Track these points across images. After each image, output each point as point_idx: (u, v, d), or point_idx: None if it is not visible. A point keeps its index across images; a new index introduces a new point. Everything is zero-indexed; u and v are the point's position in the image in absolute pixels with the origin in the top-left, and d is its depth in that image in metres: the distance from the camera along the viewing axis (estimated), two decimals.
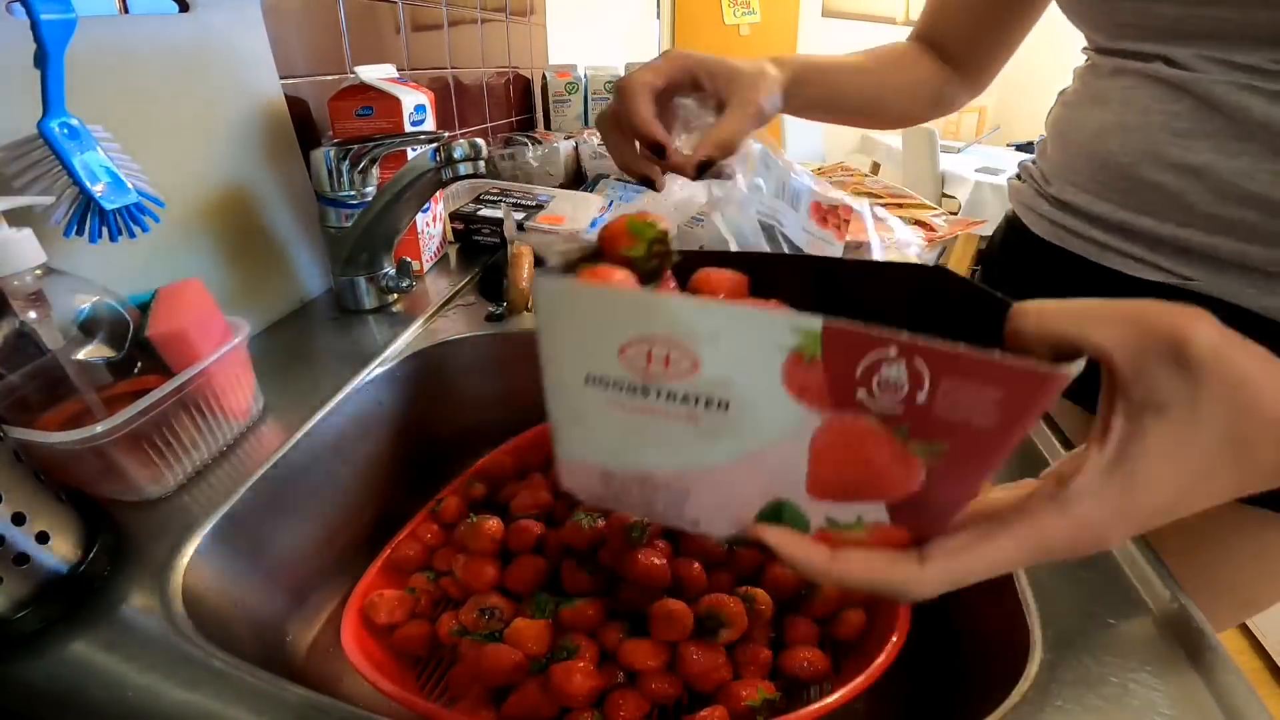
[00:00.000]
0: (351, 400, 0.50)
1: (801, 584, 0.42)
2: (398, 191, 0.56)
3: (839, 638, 0.41)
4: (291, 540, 0.44)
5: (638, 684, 0.37)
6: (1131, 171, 0.44)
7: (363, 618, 0.41)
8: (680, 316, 0.20)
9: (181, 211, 0.50)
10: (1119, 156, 0.44)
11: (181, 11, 0.51)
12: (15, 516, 0.29)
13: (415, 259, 0.70)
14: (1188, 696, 0.28)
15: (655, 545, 0.42)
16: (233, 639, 0.35)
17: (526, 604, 0.41)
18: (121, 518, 0.37)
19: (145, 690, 0.28)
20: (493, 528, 0.44)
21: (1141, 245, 0.45)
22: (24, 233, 0.34)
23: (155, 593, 0.32)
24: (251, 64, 0.58)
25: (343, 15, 0.72)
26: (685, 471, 0.24)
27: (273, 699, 0.28)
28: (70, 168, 0.38)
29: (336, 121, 0.64)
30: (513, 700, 0.36)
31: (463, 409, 0.61)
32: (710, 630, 0.36)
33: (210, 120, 0.54)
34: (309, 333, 0.59)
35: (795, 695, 0.39)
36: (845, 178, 0.81)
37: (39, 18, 0.36)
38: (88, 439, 0.33)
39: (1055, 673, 0.29)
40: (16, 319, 0.34)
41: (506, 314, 0.61)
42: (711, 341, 0.20)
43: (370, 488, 0.52)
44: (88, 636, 0.30)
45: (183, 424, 0.39)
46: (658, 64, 0.40)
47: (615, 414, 0.23)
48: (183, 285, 0.42)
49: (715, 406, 0.21)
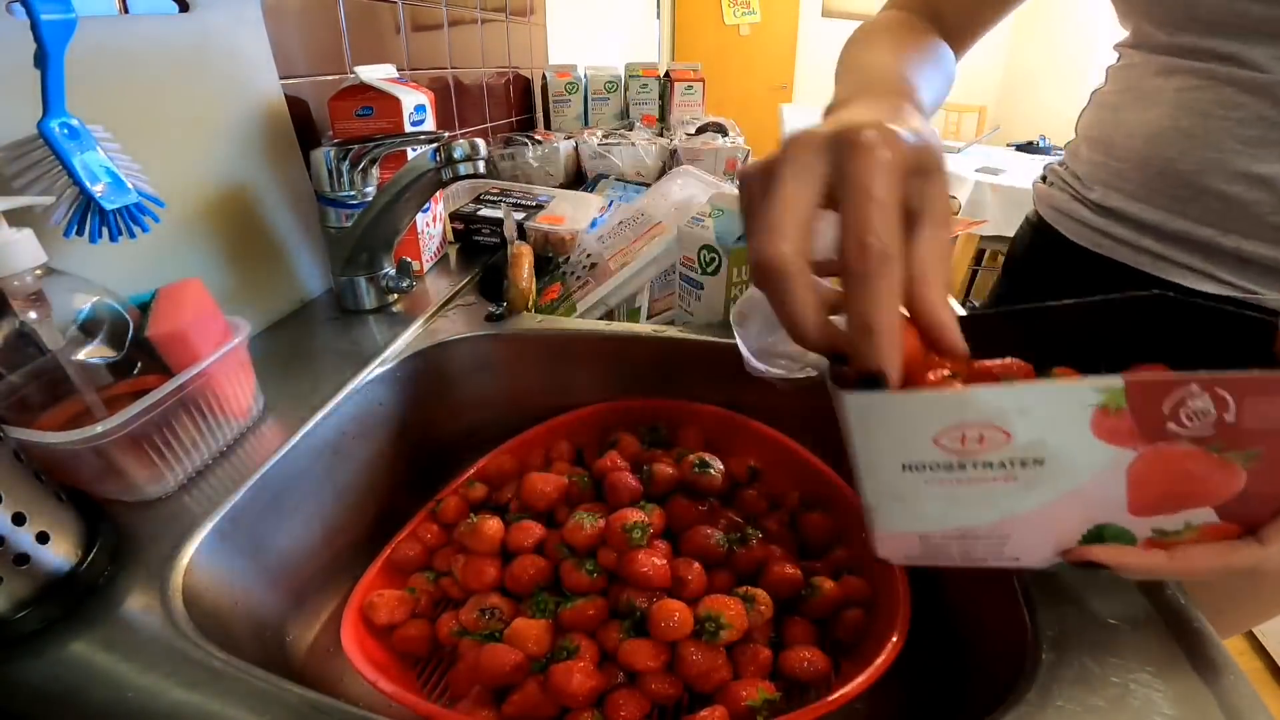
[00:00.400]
0: (351, 400, 0.50)
1: (801, 584, 0.42)
2: (398, 191, 0.56)
3: (839, 638, 0.41)
4: (291, 540, 0.44)
5: (638, 684, 0.37)
6: (1194, 180, 0.42)
7: (363, 618, 0.41)
8: (991, 403, 0.23)
9: (181, 211, 0.50)
10: (1179, 164, 0.42)
11: (181, 11, 0.51)
12: (15, 516, 0.29)
13: (415, 259, 0.70)
14: (1188, 697, 0.28)
15: (655, 545, 0.42)
16: (233, 639, 0.35)
17: (526, 604, 0.41)
18: (121, 518, 0.37)
19: (145, 690, 0.28)
20: (493, 528, 0.44)
21: (1199, 255, 0.43)
22: (24, 233, 0.34)
23: (155, 593, 0.32)
24: (251, 64, 0.58)
25: (343, 15, 0.72)
26: (1004, 520, 0.26)
27: (273, 699, 0.28)
28: (70, 168, 0.38)
29: (336, 121, 0.64)
30: (513, 700, 0.36)
31: (463, 409, 0.61)
32: (710, 631, 0.36)
33: (210, 120, 0.54)
34: (309, 333, 0.59)
35: (795, 695, 0.39)
36: None
37: (39, 18, 0.36)
38: (88, 439, 0.33)
39: (1055, 673, 0.29)
40: (16, 319, 0.34)
41: (506, 314, 0.61)
42: (1021, 416, 0.23)
43: (370, 488, 0.52)
44: (88, 636, 0.30)
45: (183, 424, 0.39)
46: (778, 217, 0.23)
47: (934, 489, 0.25)
48: (183, 285, 0.42)
49: (1030, 464, 0.24)
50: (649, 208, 0.70)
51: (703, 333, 0.57)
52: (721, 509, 0.47)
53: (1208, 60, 0.40)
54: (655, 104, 1.35)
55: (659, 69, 1.36)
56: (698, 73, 1.34)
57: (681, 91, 1.33)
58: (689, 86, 1.33)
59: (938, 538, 0.27)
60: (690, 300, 0.61)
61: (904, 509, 0.26)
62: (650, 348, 0.58)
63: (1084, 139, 0.52)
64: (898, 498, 0.26)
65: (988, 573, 0.35)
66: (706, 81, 1.34)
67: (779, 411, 0.55)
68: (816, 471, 0.49)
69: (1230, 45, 0.39)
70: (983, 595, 0.38)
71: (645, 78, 1.33)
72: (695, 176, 0.74)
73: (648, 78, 1.33)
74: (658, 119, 1.35)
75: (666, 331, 0.58)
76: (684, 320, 0.63)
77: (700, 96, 1.34)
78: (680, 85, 1.32)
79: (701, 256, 0.58)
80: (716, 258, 0.57)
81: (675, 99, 1.33)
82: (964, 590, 0.40)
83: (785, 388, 0.36)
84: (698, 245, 0.58)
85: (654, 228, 0.67)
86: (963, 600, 0.40)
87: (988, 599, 0.36)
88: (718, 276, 0.57)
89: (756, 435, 0.54)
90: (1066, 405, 0.22)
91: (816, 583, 0.42)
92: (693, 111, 1.33)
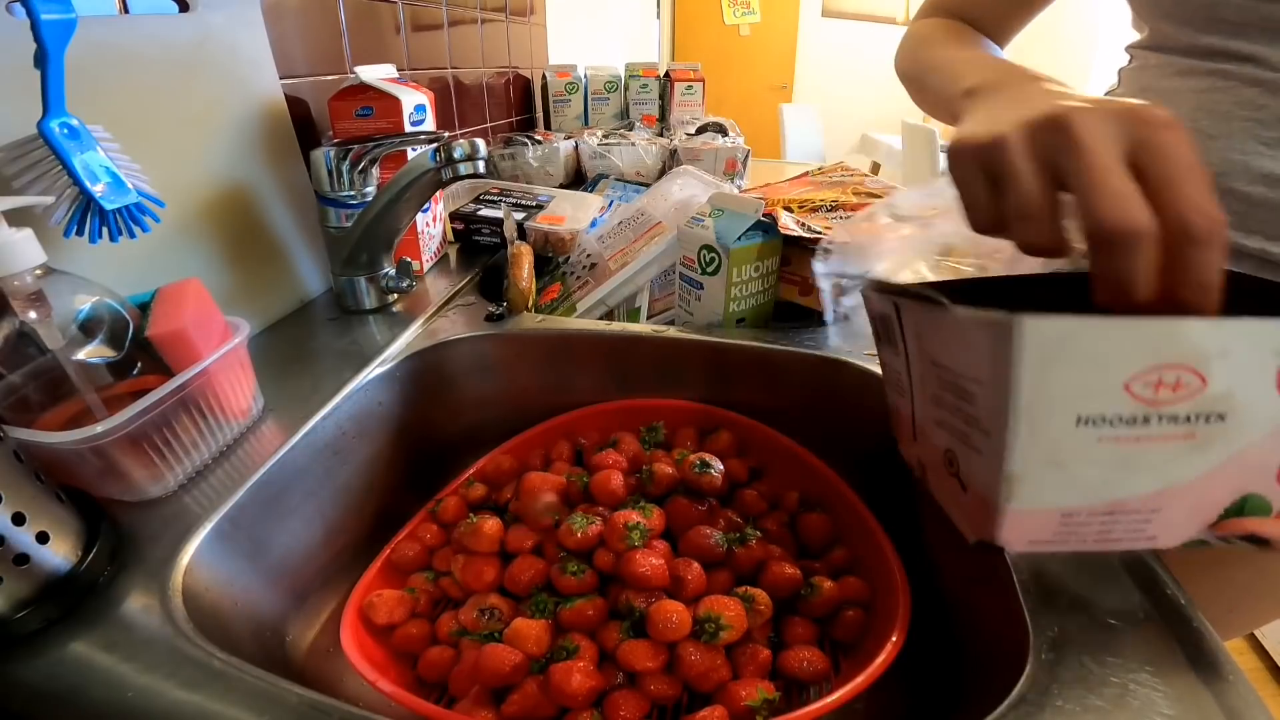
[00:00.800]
0: (351, 400, 0.50)
1: (801, 584, 0.42)
2: (398, 191, 0.56)
3: (839, 638, 0.41)
4: (291, 540, 0.44)
5: (637, 684, 0.37)
6: (1216, 182, 0.41)
7: (362, 618, 0.41)
8: (1200, 340, 0.21)
9: (181, 211, 0.50)
10: None
11: (181, 11, 0.51)
12: (15, 516, 0.29)
13: (415, 259, 0.70)
14: (1188, 697, 0.28)
15: (654, 546, 0.42)
16: (233, 639, 0.35)
17: (526, 604, 0.41)
18: (121, 518, 0.37)
19: (145, 690, 0.28)
20: (492, 528, 0.44)
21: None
22: (24, 233, 0.34)
23: (155, 593, 0.32)
24: (251, 64, 0.58)
25: (343, 15, 0.72)
26: (1163, 490, 0.23)
27: (273, 699, 0.28)
28: (70, 168, 0.38)
29: (336, 121, 0.64)
30: (512, 700, 0.36)
31: (462, 409, 0.61)
32: (710, 631, 0.36)
33: (210, 120, 0.54)
34: (309, 333, 0.59)
35: (795, 695, 0.39)
36: (845, 178, 0.81)
37: (39, 18, 0.36)
38: (88, 439, 0.33)
39: (1055, 673, 0.29)
40: (16, 319, 0.34)
41: (506, 314, 0.61)
42: (1221, 359, 0.21)
43: (370, 488, 0.52)
44: (88, 636, 0.30)
45: (183, 424, 0.39)
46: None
47: (1104, 450, 0.22)
48: (183, 285, 0.42)
49: (1213, 420, 0.22)
50: (649, 208, 0.70)
51: (703, 333, 0.57)
52: (721, 509, 0.47)
53: (1228, 61, 0.40)
54: (655, 104, 1.35)
55: (659, 69, 1.35)
56: (698, 73, 1.34)
57: (681, 91, 1.33)
58: (689, 86, 1.33)
59: (1084, 514, 0.24)
60: (690, 300, 0.61)
61: (1059, 478, 0.23)
62: (650, 348, 0.58)
63: None
64: (1057, 463, 0.22)
65: (988, 572, 0.35)
66: (706, 81, 1.34)
67: (779, 411, 0.55)
68: (816, 471, 0.49)
69: (1252, 46, 0.39)
70: (982, 595, 0.38)
71: (645, 78, 1.33)
72: (695, 176, 0.74)
73: (648, 78, 1.33)
74: (658, 119, 1.35)
75: (666, 331, 0.58)
76: (684, 320, 0.63)
77: (700, 96, 1.34)
78: (680, 85, 1.32)
79: (701, 256, 0.58)
80: (716, 258, 0.57)
81: (675, 99, 1.33)
82: (964, 590, 0.40)
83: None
84: (698, 245, 0.58)
85: (654, 228, 0.67)
86: (962, 600, 0.40)
87: (987, 599, 0.36)
88: (718, 276, 0.57)
89: (756, 435, 0.54)
90: (1261, 351, 0.21)
91: (816, 583, 0.42)
92: (693, 111, 1.33)
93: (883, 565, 0.41)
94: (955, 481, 0.27)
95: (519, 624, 0.38)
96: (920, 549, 0.44)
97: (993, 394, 0.22)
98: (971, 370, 0.24)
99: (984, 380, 0.23)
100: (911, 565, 0.40)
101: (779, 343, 0.55)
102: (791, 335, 0.57)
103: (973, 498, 0.25)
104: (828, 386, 0.54)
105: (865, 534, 0.44)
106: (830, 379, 0.54)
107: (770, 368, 0.55)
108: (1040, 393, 0.22)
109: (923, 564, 0.42)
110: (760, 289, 0.60)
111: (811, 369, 0.54)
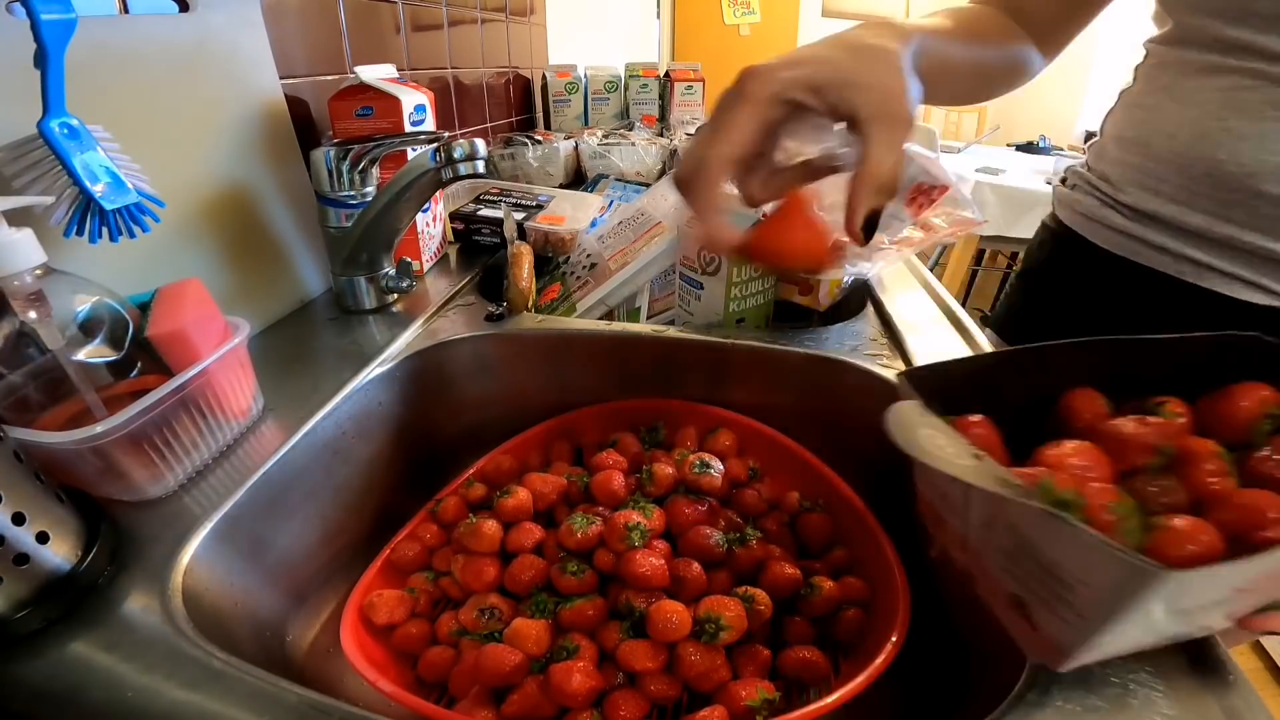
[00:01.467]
0: (351, 400, 0.50)
1: (801, 584, 0.42)
2: (398, 191, 0.56)
3: (839, 638, 0.41)
4: (291, 540, 0.44)
5: (637, 684, 0.37)
6: (1243, 182, 0.40)
7: (362, 618, 0.41)
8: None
9: (181, 211, 0.50)
10: (1227, 165, 0.41)
11: (181, 11, 0.51)
12: (15, 516, 0.29)
13: (415, 259, 0.70)
14: (1188, 697, 0.28)
15: (654, 546, 0.42)
16: (232, 639, 0.35)
17: (526, 604, 0.41)
18: (121, 518, 0.37)
19: (145, 690, 0.28)
20: (492, 528, 0.44)
21: (1244, 262, 0.41)
22: (24, 233, 0.34)
23: (155, 593, 0.32)
24: (251, 64, 0.58)
25: (343, 15, 0.72)
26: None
27: (272, 699, 0.28)
28: (70, 168, 0.38)
29: (336, 121, 0.64)
30: (512, 700, 0.36)
31: (462, 409, 0.61)
32: (709, 631, 0.36)
33: (210, 120, 0.54)
34: (309, 333, 0.59)
35: (795, 695, 0.39)
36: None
37: (39, 18, 0.36)
38: (88, 439, 0.33)
39: (1055, 673, 0.29)
40: (16, 319, 0.34)
41: (506, 314, 0.61)
42: None
43: (370, 488, 0.52)
44: (88, 636, 0.30)
45: (183, 424, 0.39)
46: (731, 117, 0.28)
47: (1183, 617, 0.23)
48: (182, 285, 0.42)
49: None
50: (649, 208, 0.70)
51: (702, 333, 0.57)
52: (721, 509, 0.47)
53: (1258, 59, 0.39)
54: (655, 104, 1.35)
55: (659, 69, 1.36)
56: (698, 73, 1.34)
57: (681, 91, 1.33)
58: (689, 86, 1.33)
59: (1148, 643, 0.25)
60: (690, 300, 0.61)
61: (1135, 634, 0.23)
62: (650, 348, 0.58)
63: (1113, 139, 0.49)
64: (1138, 631, 0.22)
65: None
66: (706, 81, 1.34)
67: (779, 411, 0.55)
68: (816, 471, 0.49)
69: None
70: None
71: (645, 78, 1.33)
72: None
73: (648, 78, 1.33)
74: (658, 119, 1.35)
75: (666, 331, 0.58)
76: (684, 320, 0.63)
77: (700, 96, 1.34)
78: (680, 85, 1.32)
79: (701, 256, 0.58)
80: (716, 258, 0.57)
81: (675, 99, 1.33)
82: (963, 590, 0.40)
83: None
84: (698, 245, 0.58)
85: (654, 228, 0.67)
86: (962, 600, 0.40)
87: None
88: (718, 276, 0.57)
89: (756, 435, 0.54)
90: None
91: (816, 583, 0.42)
92: (693, 111, 1.33)
93: (883, 565, 0.41)
94: (1023, 620, 0.26)
95: (519, 624, 0.38)
96: (920, 549, 0.44)
97: (1099, 599, 0.21)
98: (1080, 574, 0.22)
99: (1093, 585, 0.21)
100: (911, 565, 0.40)
101: (779, 343, 0.55)
102: (791, 335, 0.57)
103: (1044, 638, 0.25)
104: (828, 386, 0.54)
105: (865, 534, 0.44)
106: (830, 379, 0.54)
107: (770, 368, 0.55)
108: (1151, 612, 0.21)
109: (923, 564, 0.42)
110: (760, 289, 0.60)
111: (811, 369, 0.54)
